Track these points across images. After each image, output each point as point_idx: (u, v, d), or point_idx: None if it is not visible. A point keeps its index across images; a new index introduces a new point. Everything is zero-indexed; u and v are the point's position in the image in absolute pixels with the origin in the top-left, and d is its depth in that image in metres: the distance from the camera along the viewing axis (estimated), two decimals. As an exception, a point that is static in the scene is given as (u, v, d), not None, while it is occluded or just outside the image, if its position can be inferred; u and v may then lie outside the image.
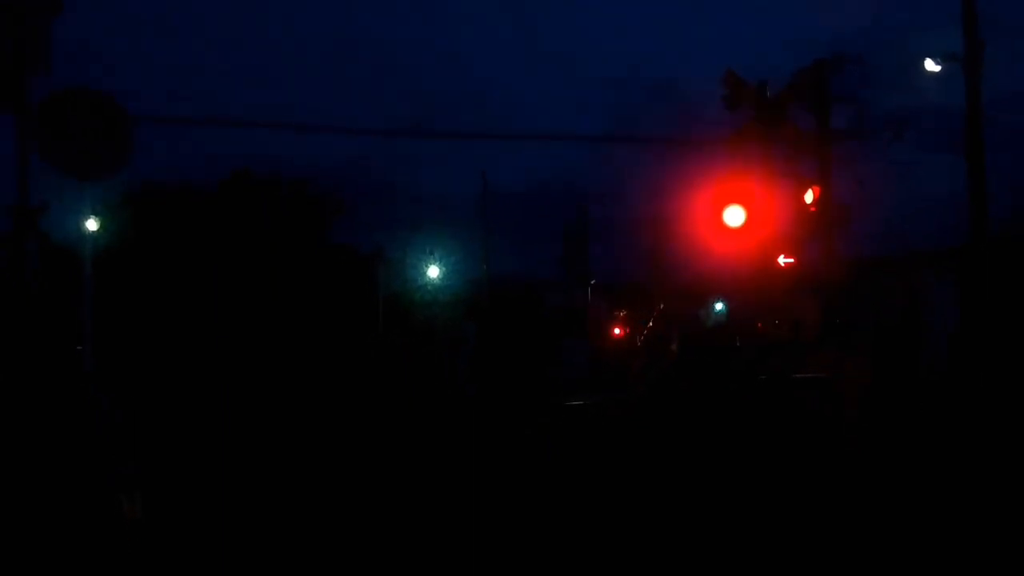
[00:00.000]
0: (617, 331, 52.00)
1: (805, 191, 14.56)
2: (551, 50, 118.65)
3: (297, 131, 40.36)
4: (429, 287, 41.40)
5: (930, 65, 16.77)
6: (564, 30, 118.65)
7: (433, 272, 41.79)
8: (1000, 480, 9.44)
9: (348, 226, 47.82)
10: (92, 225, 11.60)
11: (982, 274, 17.89)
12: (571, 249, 47.65)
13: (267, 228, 31.58)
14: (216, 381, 23.22)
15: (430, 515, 8.37)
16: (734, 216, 12.60)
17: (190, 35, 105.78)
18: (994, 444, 11.59)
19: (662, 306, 31.49)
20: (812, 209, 14.62)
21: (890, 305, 24.41)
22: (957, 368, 17.61)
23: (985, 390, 14.44)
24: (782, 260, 14.87)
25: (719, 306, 42.90)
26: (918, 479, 9.81)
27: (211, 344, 28.06)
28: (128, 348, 23.10)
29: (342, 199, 35.97)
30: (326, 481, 10.04)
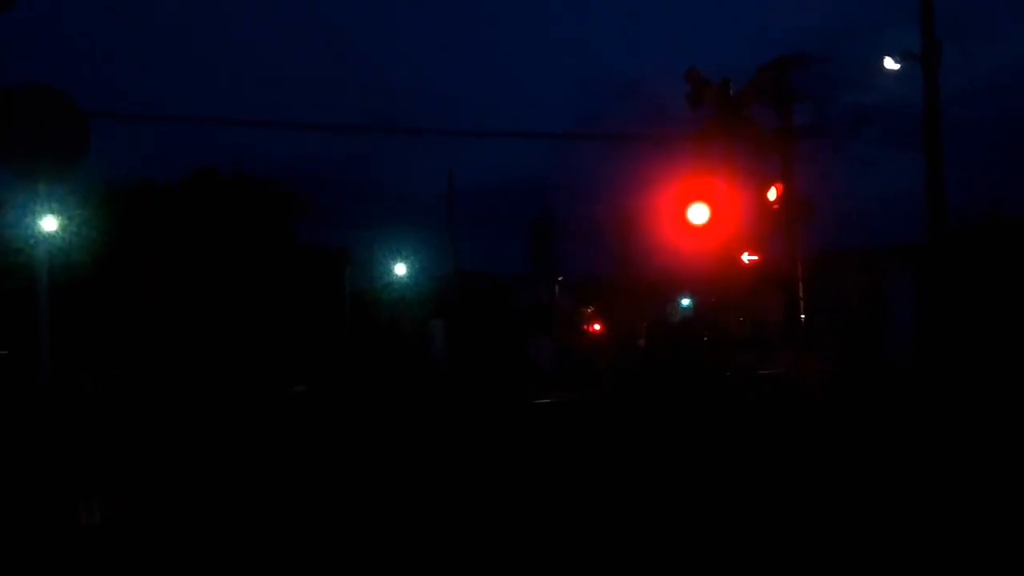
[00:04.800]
0: (586, 327, 52.16)
1: (768, 189, 14.69)
2: (515, 48, 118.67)
3: (260, 128, 39.97)
4: (396, 285, 41.23)
5: (889, 63, 17.00)
6: (528, 28, 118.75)
7: (400, 270, 41.63)
8: (949, 466, 9.60)
9: (313, 225, 47.48)
10: (48, 226, 11.38)
11: (940, 267, 18.15)
12: (538, 246, 47.71)
13: (231, 227, 31.22)
14: (183, 381, 22.96)
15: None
16: (698, 214, 12.67)
17: (151, 31, 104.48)
18: (949, 433, 11.76)
19: (646, 324, 31.65)
20: (775, 206, 14.75)
21: (854, 300, 24.70)
22: (918, 361, 17.86)
23: (944, 383, 14.65)
24: (746, 257, 14.98)
25: (685, 302, 43.22)
26: (874, 470, 9.93)
27: (177, 345, 27.74)
28: (91, 351, 22.76)
29: (307, 197, 35.69)
30: (297, 479, 9.95)
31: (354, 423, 17.39)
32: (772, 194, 14.46)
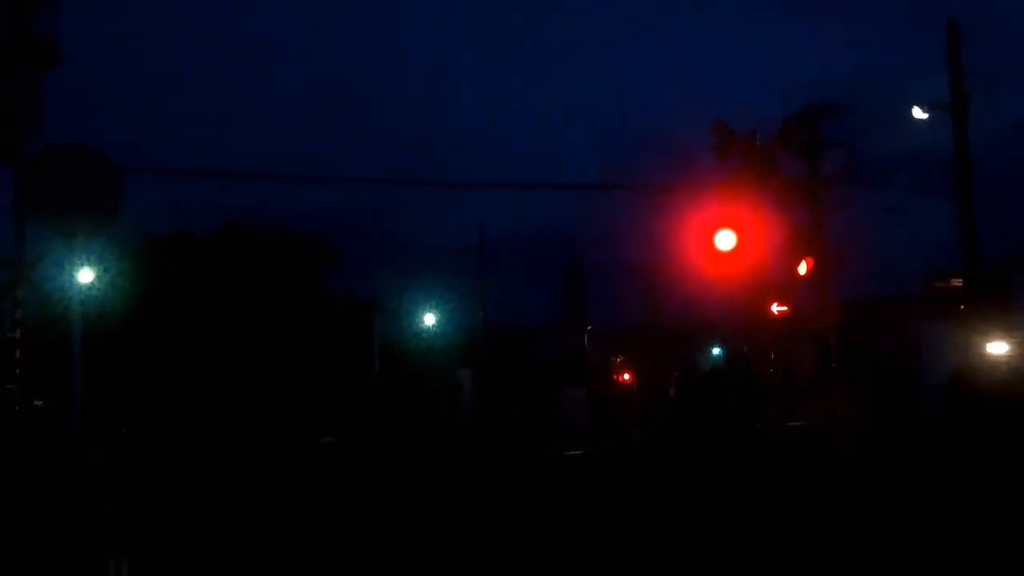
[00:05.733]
0: (616, 377, 51.98)
1: (797, 241, 14.66)
2: (547, 100, 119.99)
3: (291, 181, 40.59)
4: (425, 335, 41.31)
5: (918, 113, 17.01)
6: (559, 80, 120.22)
7: (429, 320, 41.74)
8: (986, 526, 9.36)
9: (343, 276, 47.95)
10: (84, 279, 11.58)
11: (975, 315, 17.94)
12: (568, 296, 47.73)
13: (261, 278, 31.55)
14: (213, 431, 23.05)
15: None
16: (725, 240, 12.63)
17: (185, 87, 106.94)
18: (984, 489, 11.49)
19: (676, 374, 31.40)
20: (804, 278, 14.75)
21: (887, 349, 24.37)
22: (953, 412, 17.54)
23: (980, 435, 14.34)
24: (775, 308, 14.89)
25: (716, 351, 42.89)
26: (910, 530, 9.71)
27: (208, 395, 27.90)
28: (123, 403, 22.94)
29: (337, 249, 36.03)
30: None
31: (382, 475, 17.32)
32: (803, 268, 14.42)
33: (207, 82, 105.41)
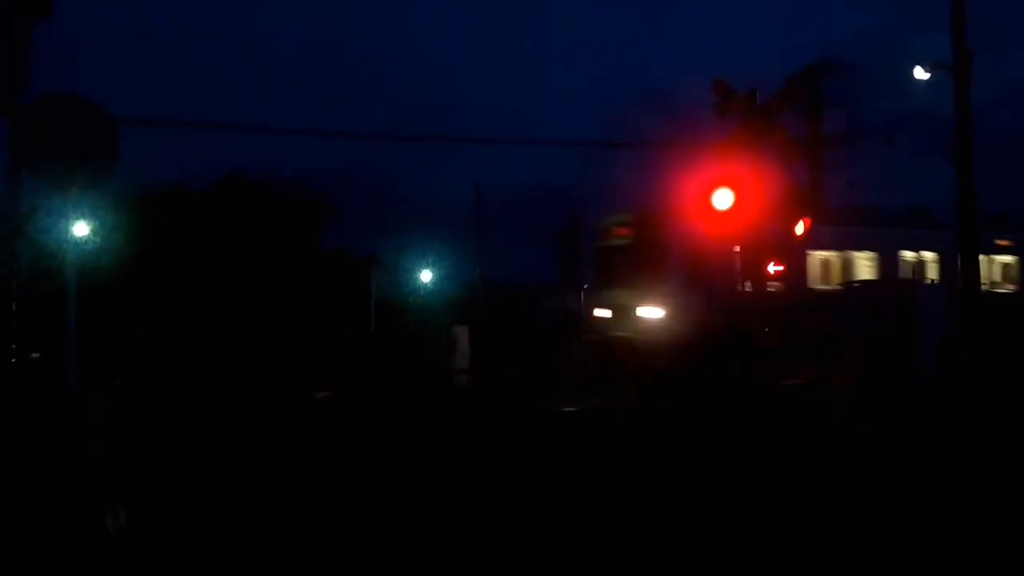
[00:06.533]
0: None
1: (795, 200, 14.62)
2: (546, 58, 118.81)
3: (290, 135, 40.26)
4: (422, 291, 41.39)
5: (920, 73, 16.88)
6: (557, 39, 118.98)
7: (426, 276, 41.77)
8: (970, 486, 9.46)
9: (341, 231, 47.83)
10: (79, 231, 11.55)
11: (971, 279, 17.96)
12: (565, 253, 47.60)
13: (259, 232, 31.51)
14: (208, 385, 23.14)
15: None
16: (722, 199, 12.69)
17: (184, 40, 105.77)
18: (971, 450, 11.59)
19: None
20: (800, 239, 14.76)
21: (883, 310, 24.38)
22: (949, 373, 17.65)
23: (969, 398, 14.44)
24: (772, 268, 14.88)
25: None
26: (898, 489, 9.81)
27: (203, 349, 27.97)
28: (120, 355, 23.01)
29: (335, 204, 35.97)
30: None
31: (379, 429, 17.40)
32: (800, 228, 14.42)
33: (204, 35, 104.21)
